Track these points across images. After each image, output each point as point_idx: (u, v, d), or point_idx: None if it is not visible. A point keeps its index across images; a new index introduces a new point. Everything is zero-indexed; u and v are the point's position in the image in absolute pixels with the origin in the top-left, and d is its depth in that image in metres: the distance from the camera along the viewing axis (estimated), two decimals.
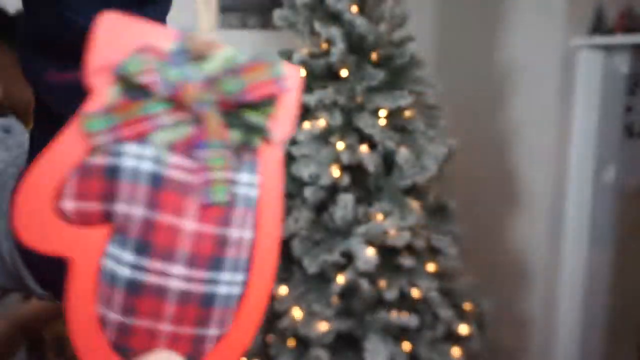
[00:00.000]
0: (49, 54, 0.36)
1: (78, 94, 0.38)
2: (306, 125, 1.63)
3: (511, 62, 2.14)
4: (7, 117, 0.62)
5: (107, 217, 0.25)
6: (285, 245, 1.61)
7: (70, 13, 0.33)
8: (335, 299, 1.62)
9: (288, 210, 1.63)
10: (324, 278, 1.61)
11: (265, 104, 0.27)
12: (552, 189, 2.06)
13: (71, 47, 0.34)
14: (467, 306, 1.75)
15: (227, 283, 0.27)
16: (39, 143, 0.43)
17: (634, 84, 2.13)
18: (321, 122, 1.61)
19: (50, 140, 0.39)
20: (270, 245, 0.29)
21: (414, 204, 1.63)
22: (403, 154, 1.60)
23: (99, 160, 0.25)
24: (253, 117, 0.27)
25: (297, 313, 1.60)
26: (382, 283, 1.60)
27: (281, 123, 0.28)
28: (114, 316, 0.26)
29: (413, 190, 1.68)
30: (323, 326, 1.57)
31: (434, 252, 1.71)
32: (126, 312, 0.26)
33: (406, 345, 1.63)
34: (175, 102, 0.25)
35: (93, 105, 0.25)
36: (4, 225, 0.49)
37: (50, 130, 0.39)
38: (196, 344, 0.27)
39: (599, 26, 1.97)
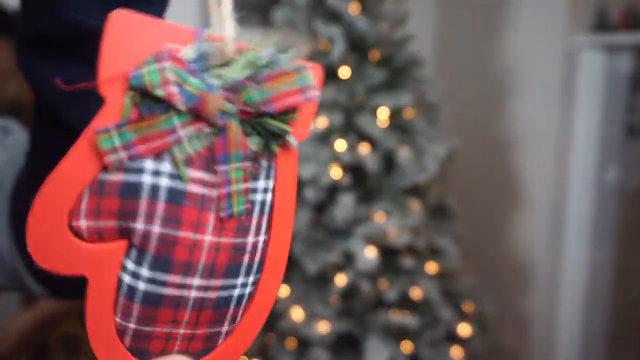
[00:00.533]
0: (47, 53, 0.36)
1: (82, 95, 0.37)
2: None
3: (512, 61, 2.14)
4: (4, 117, 0.61)
5: (122, 233, 0.25)
6: None
7: (70, 11, 0.32)
8: (335, 300, 1.61)
9: None
10: (324, 278, 1.61)
11: (288, 111, 0.25)
12: (554, 189, 2.05)
13: (70, 46, 0.33)
14: (467, 306, 1.74)
15: (242, 286, 0.27)
16: (40, 143, 0.43)
17: (637, 83, 2.12)
18: (321, 122, 1.60)
19: (52, 141, 0.39)
20: (283, 245, 0.28)
21: (415, 204, 1.62)
22: (403, 154, 1.59)
23: (114, 177, 0.24)
24: (274, 124, 0.25)
25: (297, 313, 1.60)
26: (383, 283, 1.60)
27: (300, 127, 0.27)
28: (133, 325, 0.26)
29: (413, 190, 1.68)
30: (323, 326, 1.57)
31: (434, 253, 1.71)
32: (144, 322, 0.26)
33: (407, 346, 1.63)
34: (195, 113, 0.24)
35: (106, 118, 0.23)
36: (3, 225, 0.49)
37: (52, 130, 0.39)
38: (210, 340, 0.28)
39: (601, 24, 1.96)
